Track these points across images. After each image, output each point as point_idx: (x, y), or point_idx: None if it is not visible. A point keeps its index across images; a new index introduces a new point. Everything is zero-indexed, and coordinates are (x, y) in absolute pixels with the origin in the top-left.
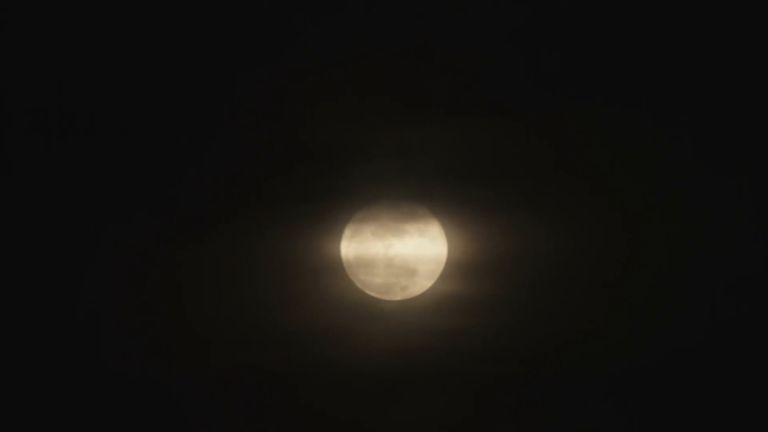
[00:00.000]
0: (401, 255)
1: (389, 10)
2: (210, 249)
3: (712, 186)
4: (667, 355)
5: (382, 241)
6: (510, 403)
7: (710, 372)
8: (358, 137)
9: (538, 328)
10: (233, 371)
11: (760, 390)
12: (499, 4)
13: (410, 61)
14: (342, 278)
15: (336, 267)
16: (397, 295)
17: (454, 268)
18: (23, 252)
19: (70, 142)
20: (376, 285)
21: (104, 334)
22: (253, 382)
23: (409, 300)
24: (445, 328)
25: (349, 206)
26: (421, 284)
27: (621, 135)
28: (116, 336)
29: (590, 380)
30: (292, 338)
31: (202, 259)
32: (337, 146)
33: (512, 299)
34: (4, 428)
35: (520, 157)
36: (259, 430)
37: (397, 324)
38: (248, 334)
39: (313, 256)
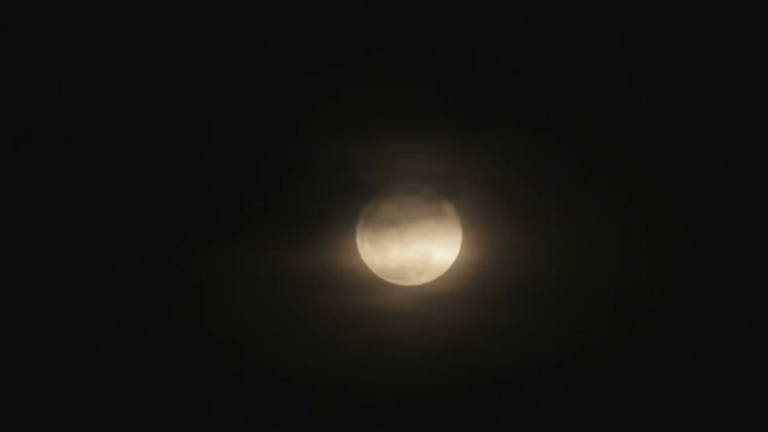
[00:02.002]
0: (416, 239)
1: (388, 10)
2: (219, 240)
3: (726, 188)
4: (672, 359)
5: (397, 226)
6: (512, 399)
7: (715, 377)
8: (370, 126)
9: (546, 321)
10: (247, 367)
11: (762, 394)
12: (499, 4)
13: (415, 57)
14: (357, 263)
15: (351, 252)
16: (413, 280)
17: (469, 252)
18: (30, 259)
19: (68, 146)
20: (391, 270)
21: (134, 345)
22: (267, 376)
23: (424, 285)
24: (459, 315)
25: (364, 191)
26: (437, 269)
27: (639, 138)
28: (143, 345)
29: (592, 382)
30: (308, 327)
31: (211, 251)
32: (350, 135)
33: (524, 287)
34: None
35: (534, 152)
36: (269, 427)
37: (411, 310)
38: (262, 325)
39: (327, 242)
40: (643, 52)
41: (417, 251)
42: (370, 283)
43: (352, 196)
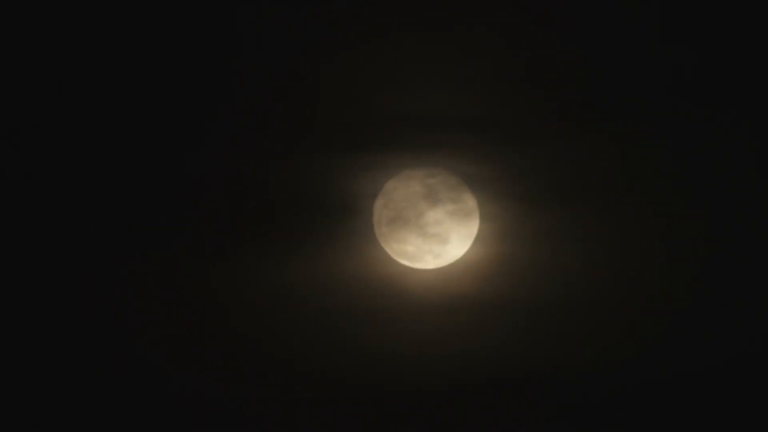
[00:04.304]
0: (433, 223)
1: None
2: (235, 228)
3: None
4: (675, 364)
5: (414, 209)
6: (513, 398)
7: (717, 382)
8: (388, 109)
9: (555, 313)
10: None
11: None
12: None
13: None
14: (374, 246)
15: (368, 235)
16: (429, 264)
17: (486, 236)
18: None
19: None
20: (408, 253)
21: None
22: (282, 363)
23: (441, 269)
24: (472, 301)
25: (381, 174)
26: (454, 252)
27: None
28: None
29: (594, 383)
30: (325, 312)
31: (228, 240)
32: (367, 118)
33: (537, 275)
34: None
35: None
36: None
37: (427, 293)
38: (281, 311)
39: (345, 225)
40: (649, 57)
41: (434, 235)
42: (387, 266)
43: (370, 179)
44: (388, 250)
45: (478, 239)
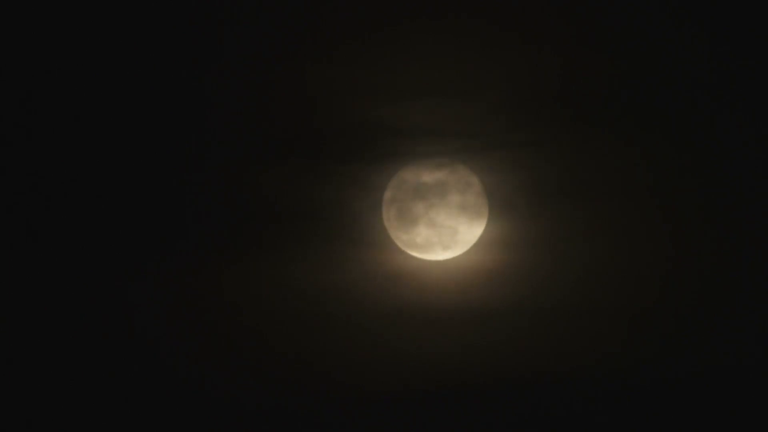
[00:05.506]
0: (442, 214)
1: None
2: (243, 228)
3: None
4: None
5: (424, 201)
6: (516, 395)
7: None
8: (399, 105)
9: (560, 306)
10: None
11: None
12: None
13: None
14: (383, 238)
15: (377, 226)
16: (439, 255)
17: (495, 227)
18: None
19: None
20: (417, 244)
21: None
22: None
23: (450, 259)
24: (476, 295)
25: (390, 166)
26: (463, 243)
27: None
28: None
29: (598, 383)
30: (332, 306)
31: (241, 232)
32: (379, 113)
33: (544, 268)
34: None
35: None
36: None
37: (436, 284)
38: (290, 301)
39: (354, 217)
40: (653, 59)
41: (443, 226)
42: (396, 257)
43: (380, 169)
44: (397, 240)
45: (488, 230)
